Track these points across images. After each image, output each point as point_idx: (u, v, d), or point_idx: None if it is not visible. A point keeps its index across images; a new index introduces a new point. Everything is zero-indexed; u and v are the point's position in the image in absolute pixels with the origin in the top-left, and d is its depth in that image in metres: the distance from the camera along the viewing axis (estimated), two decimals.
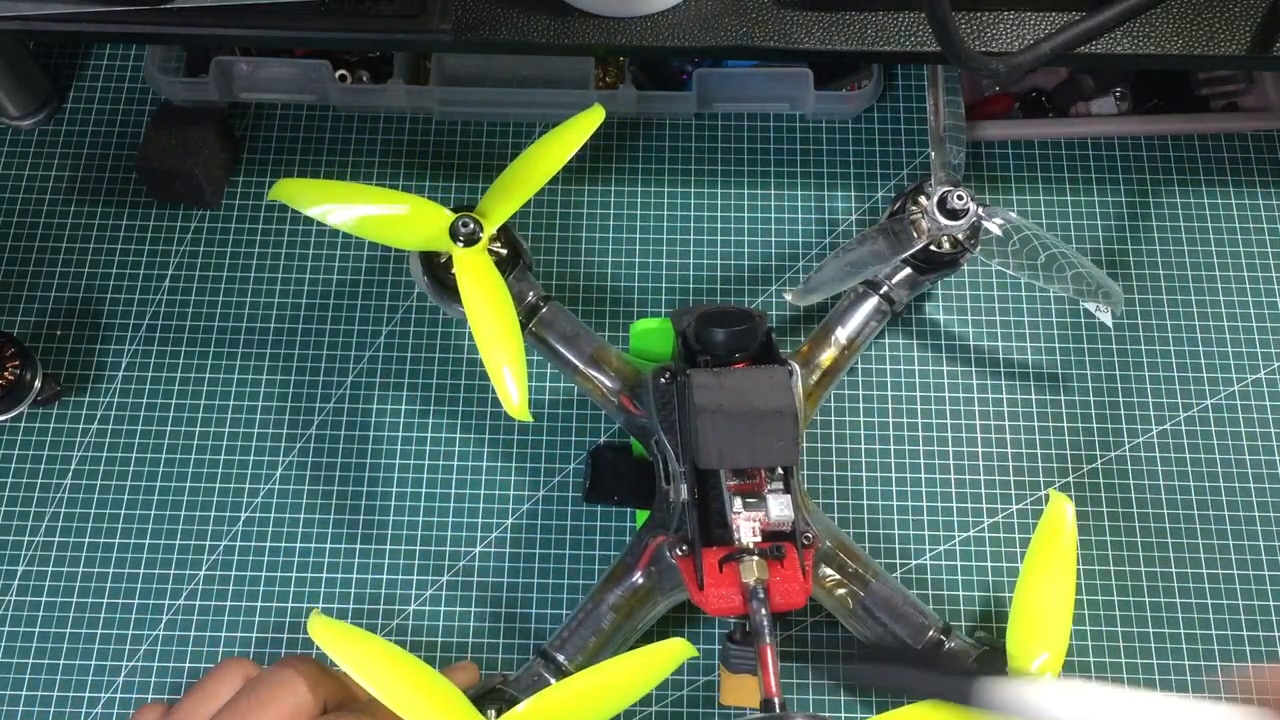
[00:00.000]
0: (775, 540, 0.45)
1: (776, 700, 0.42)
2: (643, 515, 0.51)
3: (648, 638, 0.47)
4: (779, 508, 0.45)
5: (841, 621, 0.49)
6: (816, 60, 0.60)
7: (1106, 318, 0.58)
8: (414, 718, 0.41)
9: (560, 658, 0.47)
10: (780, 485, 0.46)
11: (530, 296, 0.52)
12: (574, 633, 0.47)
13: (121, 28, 0.51)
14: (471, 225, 0.48)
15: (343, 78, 0.62)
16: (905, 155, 0.62)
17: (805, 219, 0.61)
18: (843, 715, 0.52)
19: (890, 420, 0.56)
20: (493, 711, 0.42)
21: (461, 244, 0.48)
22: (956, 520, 0.55)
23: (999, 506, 0.55)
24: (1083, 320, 0.58)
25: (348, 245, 0.60)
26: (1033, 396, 0.57)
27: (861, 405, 0.57)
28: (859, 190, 0.61)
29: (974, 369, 0.57)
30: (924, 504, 0.55)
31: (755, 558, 0.44)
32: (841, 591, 0.48)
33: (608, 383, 0.51)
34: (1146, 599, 0.53)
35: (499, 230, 0.50)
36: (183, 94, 0.61)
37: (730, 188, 0.61)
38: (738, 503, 0.46)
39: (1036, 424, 0.56)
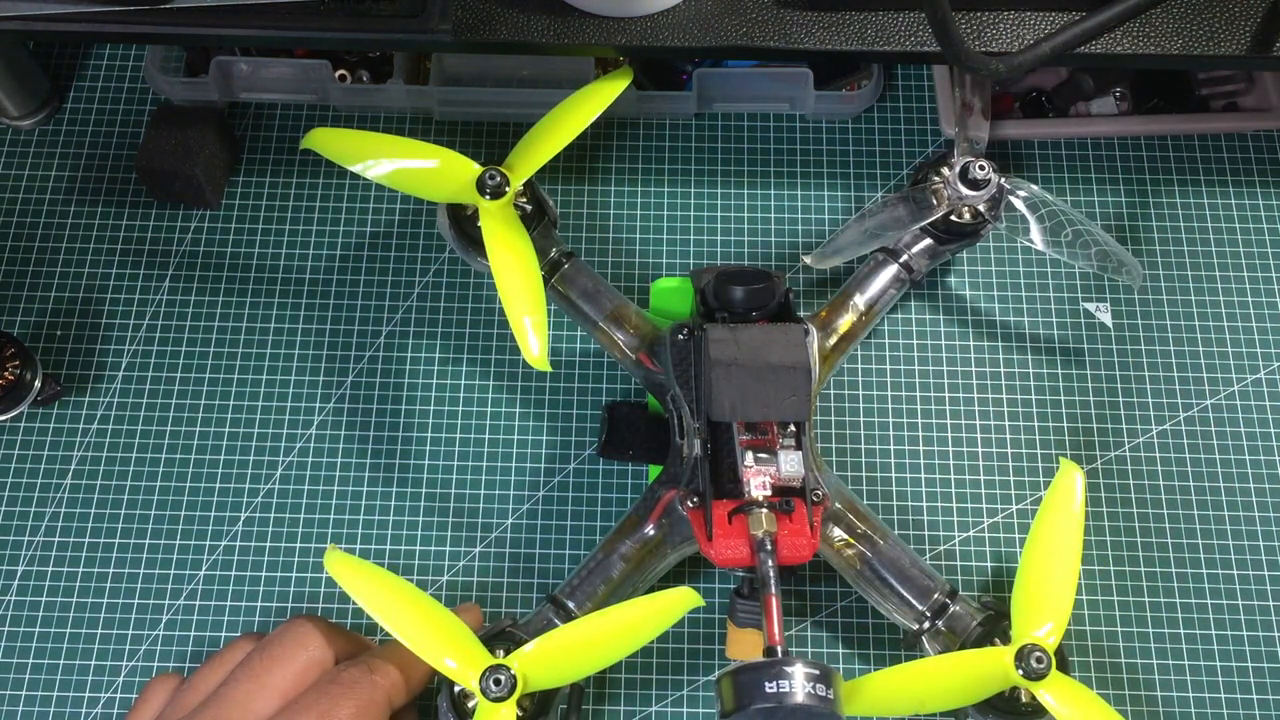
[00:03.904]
0: (785, 496, 0.46)
1: (779, 649, 0.43)
2: (655, 471, 0.52)
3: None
4: (790, 464, 0.46)
5: (849, 581, 0.50)
6: (816, 60, 0.60)
7: (1106, 318, 0.58)
8: (425, 652, 0.43)
9: (570, 604, 0.48)
10: (792, 442, 0.47)
11: (553, 252, 0.53)
12: (584, 581, 0.48)
13: (121, 28, 0.51)
14: (498, 178, 0.49)
15: (343, 78, 0.62)
16: (905, 155, 0.62)
17: (805, 219, 0.61)
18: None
19: (890, 420, 0.56)
20: (501, 651, 0.43)
21: (488, 196, 0.49)
22: (956, 520, 0.55)
23: (998, 506, 0.55)
24: (1082, 320, 0.58)
25: (346, 247, 0.60)
26: (1032, 398, 0.57)
27: (861, 404, 0.57)
28: (859, 190, 0.61)
29: (973, 370, 0.57)
30: (923, 503, 0.55)
31: (764, 510, 0.45)
32: (850, 552, 0.49)
33: (626, 339, 0.52)
34: (1146, 599, 0.53)
35: (525, 187, 0.52)
36: (183, 94, 0.61)
37: (730, 188, 0.61)
38: (749, 457, 0.46)
39: (1036, 424, 0.56)
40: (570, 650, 0.44)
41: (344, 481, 0.55)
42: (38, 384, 0.55)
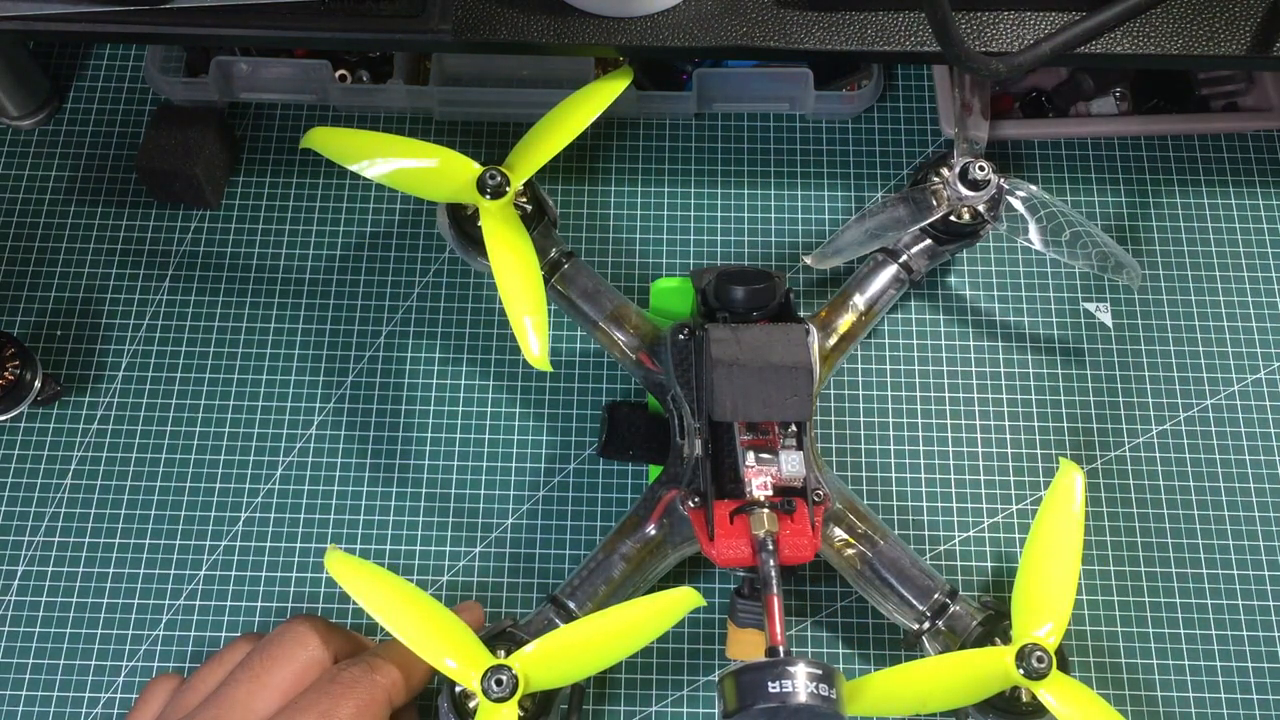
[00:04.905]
0: (787, 496, 0.46)
1: (781, 648, 0.43)
2: (655, 471, 0.52)
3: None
4: (791, 464, 0.46)
5: (849, 582, 0.50)
6: (816, 60, 0.60)
7: (1106, 318, 0.58)
8: (426, 653, 0.43)
9: (571, 604, 0.48)
10: (793, 442, 0.47)
11: (553, 252, 0.53)
12: (585, 581, 0.48)
13: (121, 28, 0.51)
14: (499, 178, 0.49)
15: (343, 78, 0.62)
16: (905, 155, 0.62)
17: (805, 219, 0.61)
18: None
19: (890, 420, 0.56)
20: (502, 651, 0.43)
21: (488, 196, 0.49)
22: (956, 520, 0.55)
23: (998, 506, 0.55)
24: (1082, 321, 0.58)
25: (347, 247, 0.60)
26: (1032, 398, 0.57)
27: (861, 404, 0.57)
28: (859, 190, 0.61)
29: (973, 370, 0.57)
30: (923, 503, 0.55)
31: (766, 510, 0.45)
32: (850, 552, 0.49)
33: (627, 339, 0.52)
34: (1146, 599, 0.53)
35: (525, 187, 0.52)
36: (183, 94, 0.61)
37: (730, 188, 0.61)
38: (750, 457, 0.46)
39: (1036, 424, 0.56)
40: (571, 650, 0.44)
41: (344, 481, 0.56)
42: (38, 384, 0.55)
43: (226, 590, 0.54)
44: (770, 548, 0.44)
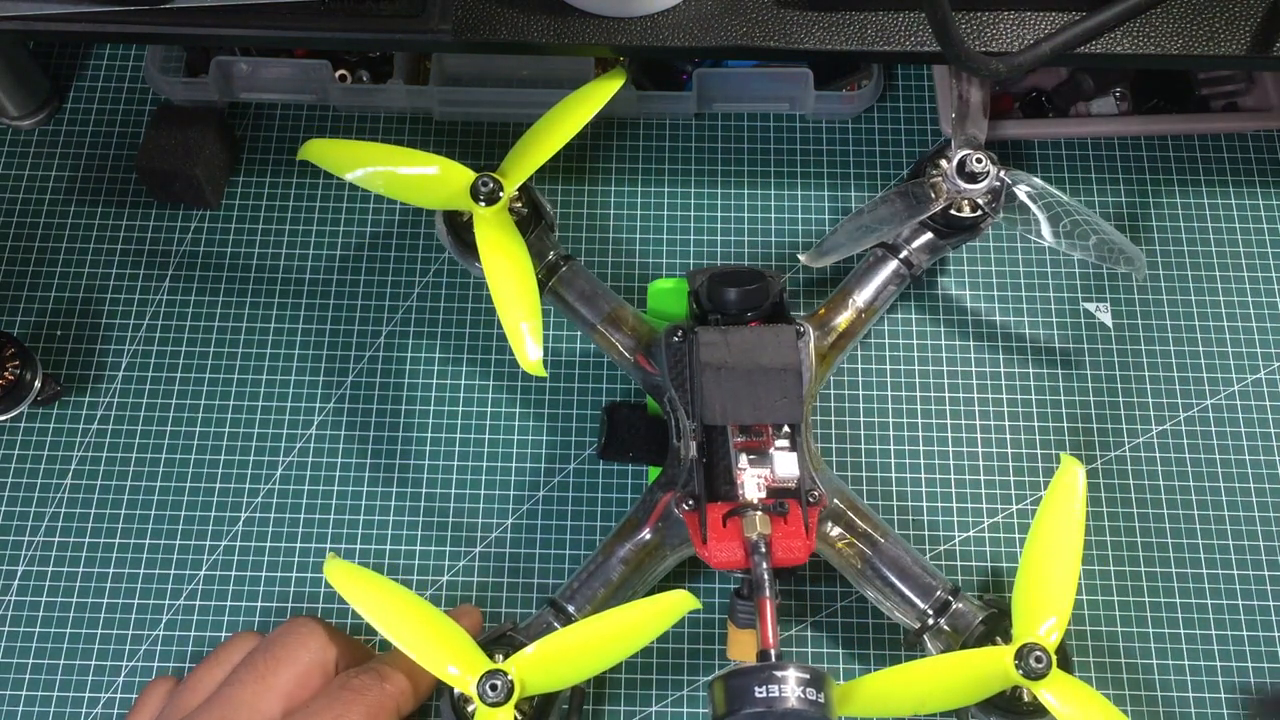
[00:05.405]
0: (781, 497, 0.46)
1: (773, 651, 0.43)
2: (654, 473, 0.52)
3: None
4: (784, 465, 0.46)
5: (849, 580, 0.50)
6: (816, 60, 0.60)
7: (1106, 318, 0.58)
8: (424, 660, 0.43)
9: (570, 608, 0.48)
10: (787, 443, 0.47)
11: (550, 255, 0.53)
12: (584, 584, 0.48)
13: (121, 28, 0.51)
14: (491, 184, 0.50)
15: (343, 78, 0.62)
16: (905, 155, 0.62)
17: (805, 219, 0.61)
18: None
19: (890, 420, 0.56)
20: (500, 655, 0.44)
21: (482, 203, 0.49)
22: (956, 520, 0.55)
23: (998, 506, 0.55)
24: (1082, 321, 0.58)
25: (347, 246, 0.60)
26: (1032, 398, 0.57)
27: (861, 404, 0.57)
28: (859, 190, 0.61)
29: (973, 370, 0.57)
30: (924, 503, 0.55)
31: (758, 513, 0.45)
32: (850, 550, 0.49)
33: (624, 341, 0.52)
34: (1146, 599, 0.53)
35: (521, 190, 0.52)
36: (183, 94, 0.61)
37: (730, 188, 0.61)
38: (743, 459, 0.46)
39: (1036, 424, 0.56)
40: (568, 654, 0.44)
41: (343, 482, 0.55)
42: (38, 384, 0.55)
43: (226, 590, 0.54)
44: (763, 550, 0.44)
